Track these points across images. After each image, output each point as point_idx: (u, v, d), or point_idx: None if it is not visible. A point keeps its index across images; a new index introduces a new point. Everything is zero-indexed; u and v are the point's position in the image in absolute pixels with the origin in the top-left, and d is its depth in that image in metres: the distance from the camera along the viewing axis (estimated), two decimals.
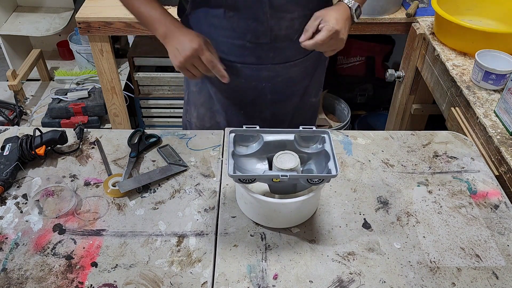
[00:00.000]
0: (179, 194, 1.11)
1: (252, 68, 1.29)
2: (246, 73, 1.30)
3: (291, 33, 1.23)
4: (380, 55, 2.68)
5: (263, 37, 1.22)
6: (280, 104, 1.40)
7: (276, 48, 1.25)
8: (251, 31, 1.21)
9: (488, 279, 0.93)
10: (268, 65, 1.29)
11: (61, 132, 1.21)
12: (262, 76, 1.31)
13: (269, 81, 1.32)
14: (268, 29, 1.20)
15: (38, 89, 2.98)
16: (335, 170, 0.95)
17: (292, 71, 1.33)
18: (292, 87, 1.38)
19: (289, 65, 1.31)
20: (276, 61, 1.29)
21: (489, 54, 1.53)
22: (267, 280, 0.92)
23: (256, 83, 1.33)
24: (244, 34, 1.22)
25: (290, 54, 1.29)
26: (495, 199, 1.11)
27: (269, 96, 1.36)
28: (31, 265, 0.94)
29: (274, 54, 1.27)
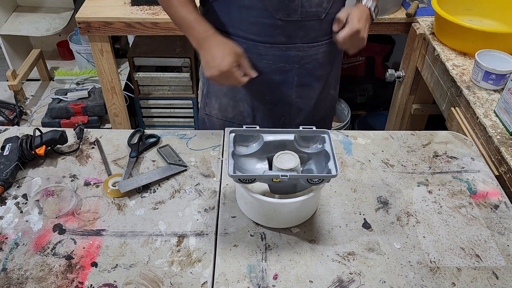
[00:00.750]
0: (179, 194, 1.11)
1: (281, 48, 1.30)
2: (275, 53, 1.31)
3: (320, 10, 1.25)
4: (380, 55, 2.68)
5: (294, 14, 1.23)
6: (305, 89, 1.40)
7: (305, 27, 1.27)
8: (283, 8, 1.22)
9: (488, 279, 0.93)
10: (297, 45, 1.30)
11: (61, 132, 1.21)
12: (291, 56, 1.32)
13: (297, 62, 1.33)
14: (299, 5, 1.22)
15: (38, 89, 2.98)
16: (335, 170, 0.95)
17: (319, 53, 1.34)
18: (318, 71, 1.39)
19: (316, 45, 1.32)
20: (305, 41, 1.30)
21: (489, 54, 1.53)
22: (267, 280, 0.92)
23: (284, 64, 1.33)
24: (276, 12, 1.23)
25: (318, 34, 1.30)
26: (495, 199, 1.11)
27: (296, 78, 1.36)
28: (31, 265, 0.94)
29: (304, 32, 1.28)
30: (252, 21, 1.25)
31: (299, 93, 1.40)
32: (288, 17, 1.23)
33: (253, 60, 1.31)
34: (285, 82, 1.37)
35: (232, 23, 1.29)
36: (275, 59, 1.32)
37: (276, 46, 1.29)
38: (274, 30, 1.26)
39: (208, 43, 1.17)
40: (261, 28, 1.26)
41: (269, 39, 1.28)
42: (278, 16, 1.23)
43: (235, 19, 1.27)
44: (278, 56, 1.31)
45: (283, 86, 1.38)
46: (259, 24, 1.26)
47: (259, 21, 1.25)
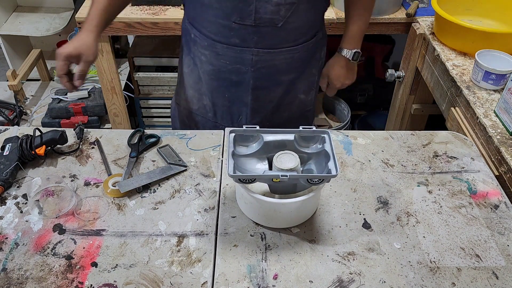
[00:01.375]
0: (179, 194, 1.11)
1: (236, 50, 1.32)
2: (231, 54, 1.33)
3: (276, 18, 1.25)
4: (380, 55, 2.68)
5: (248, 19, 1.25)
6: (262, 91, 1.42)
7: (260, 32, 1.28)
8: (237, 11, 1.24)
9: (488, 279, 0.93)
10: (252, 49, 1.31)
11: (61, 132, 1.21)
12: (245, 59, 1.33)
13: (252, 65, 1.35)
14: (253, 10, 1.23)
15: (38, 89, 2.98)
16: (335, 170, 0.95)
17: (276, 60, 1.35)
18: (276, 76, 1.40)
19: (273, 52, 1.33)
20: (260, 46, 1.31)
21: (489, 54, 1.53)
22: (267, 280, 0.92)
23: (240, 66, 1.35)
24: (231, 15, 1.25)
25: (275, 41, 1.31)
26: (495, 199, 1.11)
27: (251, 81, 1.38)
28: (31, 265, 0.94)
29: (258, 38, 1.29)
30: (211, 20, 1.29)
31: (256, 95, 1.42)
32: (242, 21, 1.25)
33: (213, 58, 1.36)
34: (241, 83, 1.39)
35: (197, 19, 1.35)
36: (231, 60, 1.34)
37: (232, 48, 1.32)
38: (229, 32, 1.28)
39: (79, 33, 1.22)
40: (218, 28, 1.29)
41: (225, 40, 1.31)
42: (233, 19, 1.25)
43: (198, 16, 1.33)
44: (233, 57, 1.33)
45: (239, 87, 1.40)
46: (216, 24, 1.29)
47: (216, 21, 1.28)
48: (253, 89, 1.40)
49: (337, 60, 1.48)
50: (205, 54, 1.36)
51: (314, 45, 1.40)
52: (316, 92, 1.56)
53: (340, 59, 1.47)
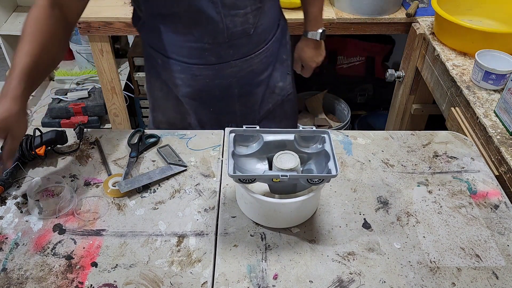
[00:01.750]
0: (179, 194, 1.11)
1: (214, 67, 1.32)
2: (209, 73, 1.33)
3: (247, 27, 1.26)
4: (380, 55, 2.68)
5: (221, 37, 1.24)
6: (248, 95, 1.43)
7: (235, 45, 1.28)
8: (208, 33, 1.23)
9: (488, 279, 0.93)
10: (229, 62, 1.31)
11: (61, 132, 1.21)
12: (225, 73, 1.34)
13: (233, 76, 1.35)
14: (224, 28, 1.23)
15: (38, 89, 2.97)
16: (335, 170, 0.95)
17: (253, 64, 1.37)
18: (256, 78, 1.41)
19: (249, 58, 1.34)
20: (236, 57, 1.31)
21: (489, 54, 1.53)
22: (267, 280, 0.92)
23: (221, 81, 1.35)
24: (202, 37, 1.24)
25: (249, 48, 1.32)
26: (495, 199, 1.11)
27: (236, 90, 1.39)
28: (31, 265, 0.94)
29: (234, 51, 1.29)
30: (180, 44, 1.27)
31: (242, 102, 1.43)
32: (215, 40, 1.25)
33: (190, 80, 1.34)
34: (226, 95, 1.40)
35: (163, 46, 1.31)
36: (211, 77, 1.34)
37: (209, 66, 1.31)
38: (203, 53, 1.28)
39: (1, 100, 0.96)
40: (190, 51, 1.28)
41: (200, 61, 1.30)
42: (205, 41, 1.25)
43: (164, 42, 1.29)
44: (212, 75, 1.33)
45: (224, 99, 1.41)
46: (187, 48, 1.27)
47: (187, 45, 1.27)
48: (239, 97, 1.41)
49: (306, 43, 1.52)
50: (180, 77, 1.35)
51: (280, 34, 1.42)
52: (292, 74, 1.58)
53: (308, 41, 1.51)
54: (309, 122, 2.69)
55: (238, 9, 1.21)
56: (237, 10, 1.21)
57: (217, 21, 1.20)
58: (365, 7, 2.00)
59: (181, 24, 1.22)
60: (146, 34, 1.34)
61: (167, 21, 1.23)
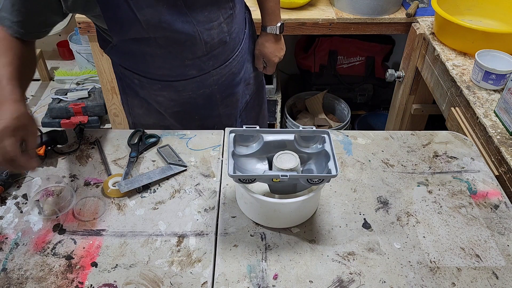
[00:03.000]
0: (179, 194, 1.11)
1: (195, 80, 1.32)
2: (192, 86, 1.33)
3: (223, 37, 1.27)
4: (380, 55, 2.68)
5: (200, 51, 1.25)
6: (229, 97, 1.44)
7: (213, 56, 1.29)
8: (187, 50, 1.23)
9: (488, 279, 0.93)
10: (210, 72, 1.32)
11: (61, 132, 1.21)
12: (207, 83, 1.35)
13: (215, 84, 1.36)
14: (202, 43, 1.23)
15: (38, 89, 2.99)
16: (335, 170, 0.95)
17: (232, 67, 1.38)
18: (235, 79, 1.42)
19: (228, 63, 1.35)
20: (216, 66, 1.32)
21: (489, 54, 1.53)
22: (267, 280, 0.92)
23: (204, 90, 1.36)
24: (181, 54, 1.24)
25: (227, 53, 1.33)
26: (495, 199, 1.11)
27: (218, 96, 1.40)
28: (31, 265, 0.94)
29: (213, 61, 1.30)
30: (159, 65, 1.26)
31: (225, 104, 1.44)
32: (194, 55, 1.25)
33: (173, 95, 1.34)
34: (210, 102, 1.40)
35: (138, 67, 1.29)
36: (193, 89, 1.34)
37: (190, 80, 1.31)
38: (184, 68, 1.28)
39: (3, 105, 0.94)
40: (171, 69, 1.28)
41: (182, 77, 1.30)
42: (184, 57, 1.25)
43: (142, 65, 1.27)
44: (195, 87, 1.34)
45: (208, 106, 1.41)
46: (166, 68, 1.27)
47: (165, 65, 1.26)
48: (222, 100, 1.42)
49: (266, 39, 1.49)
50: (162, 94, 1.34)
51: (248, 28, 1.44)
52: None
53: (268, 37, 1.48)
54: (309, 122, 2.69)
55: (212, 22, 1.21)
56: (211, 23, 1.21)
57: (195, 37, 1.20)
58: (365, 7, 2.00)
59: (159, 46, 1.20)
60: (118, 57, 1.30)
61: (143, 45, 1.20)
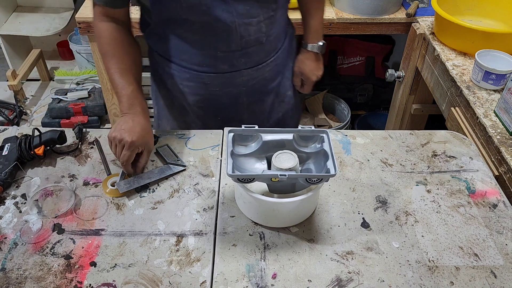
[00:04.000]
0: (178, 193, 1.11)
1: (225, 76, 1.30)
2: (220, 81, 1.32)
3: (260, 36, 1.26)
4: (380, 55, 2.68)
5: (234, 45, 1.24)
6: (256, 104, 1.43)
7: (247, 54, 1.28)
8: (221, 41, 1.22)
9: (486, 278, 0.93)
10: (241, 71, 1.31)
11: (60, 132, 1.21)
12: (236, 81, 1.33)
13: (244, 85, 1.34)
14: (238, 36, 1.22)
15: (38, 89, 2.99)
16: (334, 170, 0.95)
17: (265, 72, 1.36)
18: (266, 86, 1.41)
19: (261, 66, 1.33)
20: (248, 66, 1.31)
21: (489, 54, 1.53)
22: (266, 280, 0.92)
23: (231, 89, 1.35)
24: (215, 45, 1.23)
25: (261, 56, 1.32)
26: (493, 198, 1.11)
27: (245, 99, 1.38)
28: (30, 264, 0.94)
29: (246, 59, 1.29)
30: (192, 52, 1.26)
31: (251, 110, 1.42)
32: (228, 48, 1.24)
33: (199, 88, 1.33)
34: (235, 103, 1.39)
35: (172, 53, 1.29)
36: (221, 85, 1.33)
37: (220, 75, 1.30)
38: (216, 61, 1.26)
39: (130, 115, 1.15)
40: (202, 59, 1.27)
41: (212, 69, 1.29)
42: (218, 49, 1.24)
43: (174, 49, 1.27)
44: (223, 83, 1.32)
45: (233, 107, 1.40)
46: (198, 56, 1.26)
47: (199, 52, 1.25)
48: (248, 105, 1.41)
49: (307, 56, 1.47)
50: (189, 85, 1.33)
51: (288, 42, 1.42)
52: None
53: (309, 54, 1.47)
54: (309, 122, 2.69)
55: (251, 18, 1.20)
56: (251, 19, 1.20)
57: (231, 29, 1.19)
58: (365, 7, 2.00)
59: (193, 31, 1.21)
60: (154, 40, 1.32)
61: (179, 28, 1.21)
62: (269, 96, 1.44)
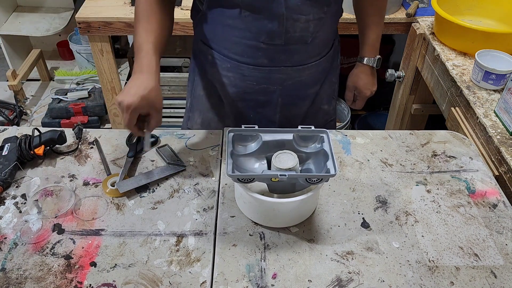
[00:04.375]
0: (178, 193, 1.11)
1: (264, 70, 1.29)
2: (258, 75, 1.30)
3: (305, 35, 1.23)
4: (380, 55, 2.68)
5: (278, 39, 1.22)
6: (290, 107, 1.40)
7: (289, 50, 1.25)
8: (266, 32, 1.20)
9: (486, 278, 0.93)
10: (280, 68, 1.29)
11: (60, 132, 1.21)
12: (274, 78, 1.31)
13: (280, 84, 1.32)
14: (283, 30, 1.20)
15: (38, 89, 2.99)
16: (334, 170, 0.95)
17: (304, 75, 1.33)
18: (303, 91, 1.38)
19: (301, 68, 1.31)
20: (288, 64, 1.28)
21: (489, 54, 1.53)
22: (266, 280, 0.92)
23: (267, 86, 1.33)
24: (259, 35, 1.21)
25: (303, 57, 1.29)
26: (493, 198, 1.11)
27: (279, 99, 1.36)
28: (30, 265, 0.94)
29: (287, 56, 1.27)
30: (235, 41, 1.24)
31: (283, 113, 1.40)
32: (271, 41, 1.22)
33: (238, 79, 1.31)
34: (269, 102, 1.37)
35: (216, 40, 1.28)
36: (258, 80, 1.31)
37: (259, 68, 1.28)
38: (257, 52, 1.25)
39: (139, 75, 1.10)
40: (244, 49, 1.25)
41: (252, 61, 1.27)
42: (261, 39, 1.22)
43: (219, 37, 1.27)
44: (260, 77, 1.30)
45: (266, 107, 1.38)
46: (241, 45, 1.25)
47: (242, 42, 1.24)
48: (281, 107, 1.38)
49: (362, 70, 1.46)
50: (228, 76, 1.32)
51: (333, 53, 1.39)
52: (336, 100, 1.55)
53: (364, 68, 1.46)
54: None
55: (300, 14, 1.19)
56: (300, 15, 1.19)
57: (277, 21, 1.18)
58: None
59: (242, 19, 1.19)
60: (202, 27, 1.30)
61: (230, 14, 1.20)
62: (304, 103, 1.41)
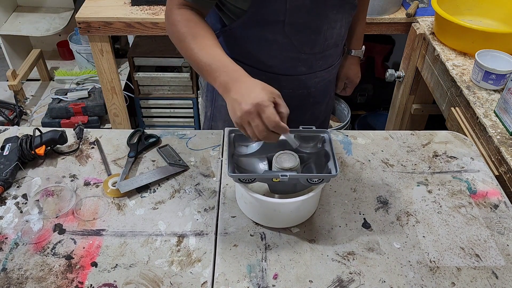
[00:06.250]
0: (179, 194, 1.11)
1: (302, 77, 1.31)
2: (295, 83, 1.32)
3: (338, 39, 1.28)
4: (380, 55, 2.68)
5: (317, 47, 1.25)
6: (318, 105, 1.44)
7: (325, 56, 1.29)
8: (309, 43, 1.22)
9: (487, 278, 0.93)
10: (316, 73, 1.32)
11: (61, 132, 1.21)
12: (310, 83, 1.34)
13: (314, 86, 1.36)
14: (323, 39, 1.23)
15: (38, 89, 2.98)
16: (335, 170, 0.95)
17: (332, 74, 1.40)
18: (329, 87, 1.44)
19: (331, 68, 1.36)
20: (323, 68, 1.32)
21: (489, 54, 1.53)
22: (267, 280, 0.92)
23: (303, 90, 1.35)
24: (301, 47, 1.23)
25: (334, 59, 1.35)
26: (494, 198, 1.11)
27: (311, 99, 1.39)
28: (31, 265, 0.94)
29: (323, 61, 1.30)
30: (274, 54, 1.23)
31: (311, 111, 1.43)
32: (311, 50, 1.24)
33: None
34: (302, 105, 1.39)
35: (250, 56, 1.24)
36: (294, 87, 1.33)
37: (297, 77, 1.30)
38: (297, 63, 1.26)
39: (238, 83, 0.96)
40: (283, 61, 1.25)
41: (291, 71, 1.28)
42: (303, 50, 1.23)
43: (254, 52, 1.23)
44: (297, 85, 1.33)
45: (299, 109, 1.38)
46: (280, 58, 1.24)
47: (283, 54, 1.23)
48: (311, 106, 1.42)
49: (352, 61, 1.53)
50: None
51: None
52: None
53: (353, 59, 1.53)
54: None
55: (336, 21, 1.22)
56: (336, 22, 1.22)
57: (320, 31, 1.21)
58: None
59: (283, 34, 1.18)
60: (227, 42, 1.25)
61: (267, 30, 1.17)
62: (328, 98, 1.47)
